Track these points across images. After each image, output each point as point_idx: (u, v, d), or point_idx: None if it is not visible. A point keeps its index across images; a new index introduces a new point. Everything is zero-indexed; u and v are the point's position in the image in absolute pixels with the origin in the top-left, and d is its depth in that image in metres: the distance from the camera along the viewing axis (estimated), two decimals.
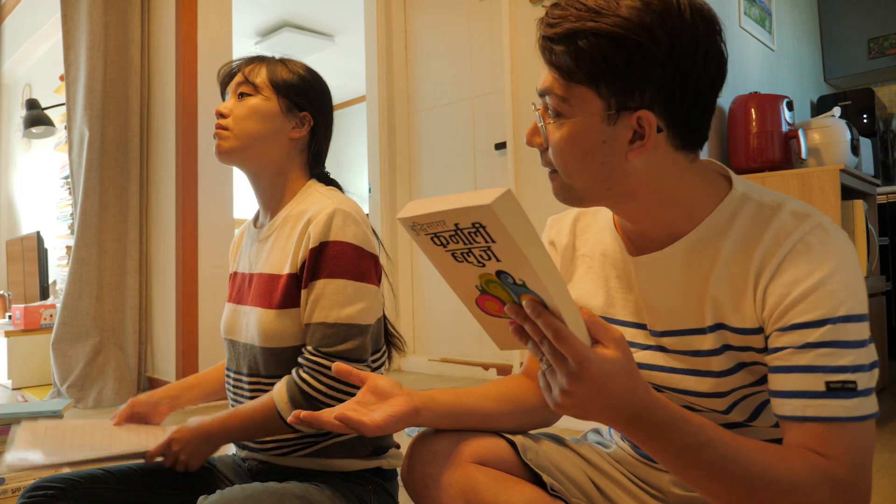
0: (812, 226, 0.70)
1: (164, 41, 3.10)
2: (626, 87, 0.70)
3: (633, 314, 0.84)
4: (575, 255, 0.92)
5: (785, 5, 3.42)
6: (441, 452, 0.82)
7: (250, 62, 1.09)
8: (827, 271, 0.68)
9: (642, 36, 0.68)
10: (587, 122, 0.72)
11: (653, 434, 0.66)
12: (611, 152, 0.72)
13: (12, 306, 3.88)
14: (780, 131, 2.57)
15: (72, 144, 3.18)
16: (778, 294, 0.69)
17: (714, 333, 0.76)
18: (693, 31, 0.70)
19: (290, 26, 5.22)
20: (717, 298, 0.75)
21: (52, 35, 4.53)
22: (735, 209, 0.76)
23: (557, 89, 0.74)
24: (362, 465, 1.05)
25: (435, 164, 3.68)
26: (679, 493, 0.88)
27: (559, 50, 0.72)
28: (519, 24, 3.19)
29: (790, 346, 0.68)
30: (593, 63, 0.70)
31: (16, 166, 5.46)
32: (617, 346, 0.64)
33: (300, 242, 1.01)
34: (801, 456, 0.66)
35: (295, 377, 0.98)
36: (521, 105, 3.18)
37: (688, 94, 0.71)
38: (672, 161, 0.75)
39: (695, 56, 0.70)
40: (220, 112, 1.07)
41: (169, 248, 3.03)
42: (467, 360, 3.45)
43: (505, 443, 0.85)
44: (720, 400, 0.78)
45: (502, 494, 0.79)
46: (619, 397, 0.64)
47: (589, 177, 0.75)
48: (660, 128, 0.72)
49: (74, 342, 3.04)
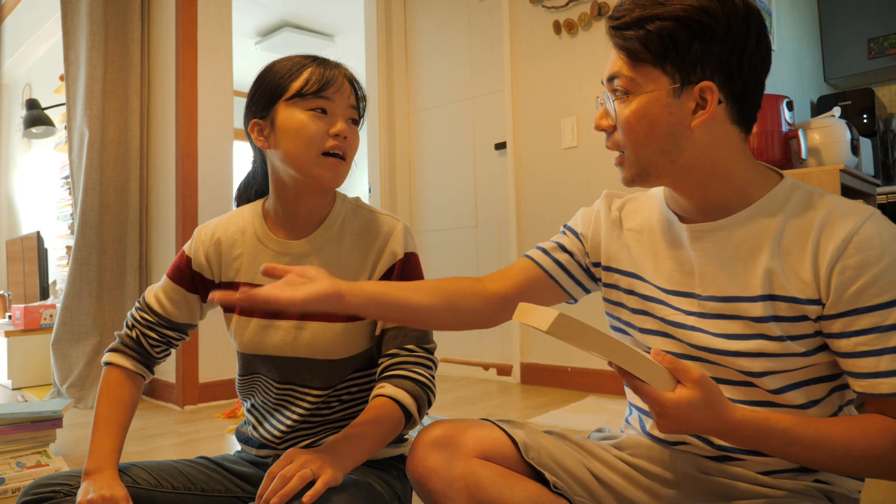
0: (870, 213, 0.78)
1: (164, 41, 3.10)
2: (689, 62, 0.79)
3: (679, 282, 0.89)
4: (622, 228, 0.99)
5: (785, 5, 3.42)
6: (444, 446, 0.83)
7: (354, 81, 1.08)
8: (892, 256, 0.76)
9: (704, 17, 0.78)
10: (654, 96, 0.81)
11: (743, 442, 0.78)
12: (676, 122, 0.81)
13: (12, 306, 3.88)
14: (780, 131, 2.57)
15: (72, 144, 3.18)
16: (849, 275, 0.76)
17: (764, 303, 0.81)
18: (746, 15, 0.80)
19: (290, 26, 5.22)
20: (773, 270, 0.81)
21: (52, 35, 4.53)
22: (788, 193, 0.84)
23: (626, 70, 0.83)
24: (389, 452, 1.10)
25: (435, 164, 3.68)
26: (692, 474, 0.89)
27: (629, 35, 0.81)
28: (519, 24, 3.19)
29: (874, 329, 0.75)
30: (661, 42, 0.79)
31: (16, 166, 5.46)
32: (695, 386, 0.74)
33: (379, 256, 1.07)
34: (884, 430, 0.75)
35: (415, 375, 1.02)
36: (521, 105, 3.18)
37: (744, 69, 0.81)
38: (729, 135, 0.83)
39: (748, 36, 0.80)
40: (343, 134, 1.03)
41: (169, 248, 3.03)
42: (467, 360, 3.45)
43: (507, 438, 0.86)
44: (757, 361, 0.82)
45: (506, 490, 0.81)
46: (704, 424, 0.75)
47: (655, 148, 0.83)
48: (719, 100, 0.81)
49: (74, 342, 3.04)
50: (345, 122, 1.03)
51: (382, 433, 0.97)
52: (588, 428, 1.95)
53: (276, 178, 1.08)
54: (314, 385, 1.08)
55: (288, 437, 1.09)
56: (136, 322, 1.12)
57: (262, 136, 1.05)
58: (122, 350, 1.10)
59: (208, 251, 1.12)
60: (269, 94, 1.03)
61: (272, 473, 0.86)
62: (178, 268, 1.13)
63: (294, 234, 1.09)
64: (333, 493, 0.86)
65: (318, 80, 1.01)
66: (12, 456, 1.64)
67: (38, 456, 1.67)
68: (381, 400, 0.99)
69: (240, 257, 1.10)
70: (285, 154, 1.02)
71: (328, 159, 1.01)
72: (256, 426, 1.13)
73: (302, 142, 1.00)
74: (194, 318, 1.15)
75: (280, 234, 1.09)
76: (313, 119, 1.01)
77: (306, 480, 0.85)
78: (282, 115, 1.02)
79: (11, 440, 1.64)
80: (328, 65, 1.04)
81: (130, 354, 1.10)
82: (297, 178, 1.03)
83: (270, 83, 1.03)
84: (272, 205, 1.10)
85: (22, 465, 1.62)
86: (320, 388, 1.08)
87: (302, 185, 1.04)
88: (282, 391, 1.10)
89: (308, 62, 1.04)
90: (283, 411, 1.10)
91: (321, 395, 1.08)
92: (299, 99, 1.01)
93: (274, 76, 1.04)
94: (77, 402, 2.90)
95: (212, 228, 1.13)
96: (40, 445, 1.70)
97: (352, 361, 1.08)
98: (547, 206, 3.08)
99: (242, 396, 1.18)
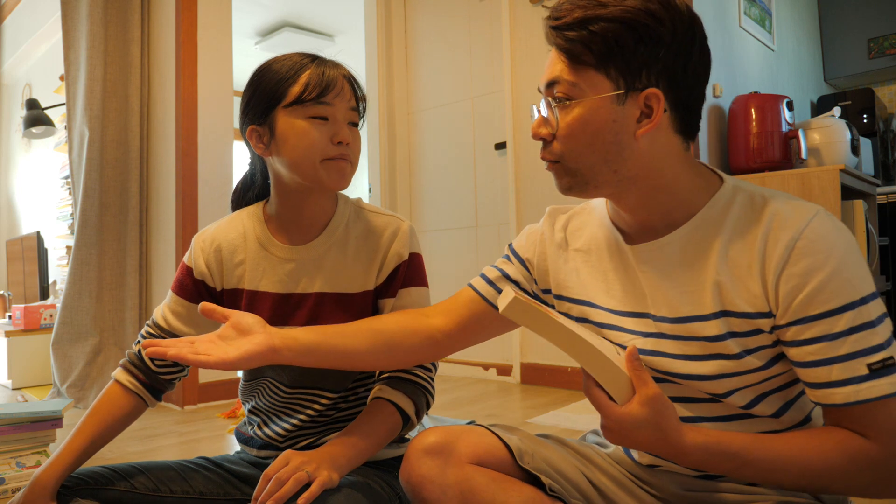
0: (814, 213, 0.74)
1: (164, 41, 3.10)
2: (634, 67, 0.76)
3: (632, 304, 0.85)
4: (568, 249, 0.94)
5: (785, 5, 3.42)
6: (437, 453, 0.82)
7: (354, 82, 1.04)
8: (839, 259, 0.72)
9: (649, 20, 0.75)
10: (597, 102, 0.77)
11: (694, 465, 0.76)
12: (620, 130, 0.77)
13: (12, 306, 3.88)
14: (780, 131, 2.57)
15: (72, 144, 3.18)
16: (794, 283, 0.73)
17: (718, 320, 0.78)
18: (689, 20, 0.78)
19: (290, 26, 5.22)
20: (722, 283, 0.78)
21: (52, 35, 4.53)
22: (729, 199, 0.80)
23: (567, 75, 0.79)
24: (390, 453, 1.09)
25: (435, 164, 3.68)
26: (679, 493, 0.88)
27: (571, 36, 0.77)
28: (519, 24, 3.18)
29: (823, 338, 0.72)
30: (605, 44, 0.75)
31: (16, 166, 5.46)
32: (644, 404, 0.73)
33: (384, 257, 1.06)
34: (840, 445, 0.72)
35: (412, 377, 1.02)
36: (521, 105, 3.17)
37: (688, 76, 0.78)
38: (672, 145, 0.80)
39: (693, 43, 0.78)
40: (345, 140, 1.00)
41: (169, 248, 3.03)
42: (467, 360, 3.44)
43: (501, 444, 0.85)
44: (719, 383, 0.79)
45: (500, 495, 0.79)
46: (648, 444, 0.74)
47: (598, 158, 0.79)
48: (664, 108, 0.77)
49: (74, 342, 3.04)
50: (347, 128, 1.00)
51: (379, 435, 0.97)
52: (587, 428, 1.95)
53: (278, 182, 1.05)
54: (327, 388, 1.07)
55: (292, 436, 1.09)
56: (141, 337, 1.12)
57: (261, 143, 1.02)
58: (125, 366, 1.08)
59: (209, 258, 1.09)
60: (267, 100, 0.99)
61: (268, 476, 0.86)
62: (180, 280, 1.11)
63: (298, 239, 1.07)
64: (329, 495, 0.86)
65: (317, 85, 0.97)
66: (12, 456, 1.64)
67: (38, 456, 1.67)
68: (379, 402, 0.99)
69: (242, 263, 1.08)
70: (288, 162, 0.99)
71: (333, 163, 0.99)
72: (261, 426, 1.13)
73: (304, 150, 0.97)
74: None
75: (283, 239, 1.07)
76: (314, 127, 0.97)
77: (302, 483, 0.85)
78: (281, 123, 0.98)
79: (11, 440, 1.64)
80: (327, 65, 1.00)
81: (131, 370, 1.07)
82: (302, 183, 1.01)
83: (267, 88, 0.99)
84: (274, 209, 1.07)
85: (22, 465, 1.62)
86: (332, 391, 1.07)
87: (307, 188, 1.02)
88: (291, 395, 1.09)
89: (306, 63, 0.99)
90: (292, 414, 1.10)
91: (334, 397, 1.08)
92: (299, 106, 0.97)
93: (271, 80, 0.99)
94: (77, 402, 2.90)
95: (210, 234, 1.10)
96: (40, 445, 1.70)
97: None
98: (547, 206, 3.07)
99: (244, 399, 1.17)
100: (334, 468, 0.89)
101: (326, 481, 0.86)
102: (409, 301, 1.06)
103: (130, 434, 2.29)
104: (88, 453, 1.01)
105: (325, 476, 0.86)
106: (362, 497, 0.91)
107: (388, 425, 0.97)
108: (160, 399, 1.10)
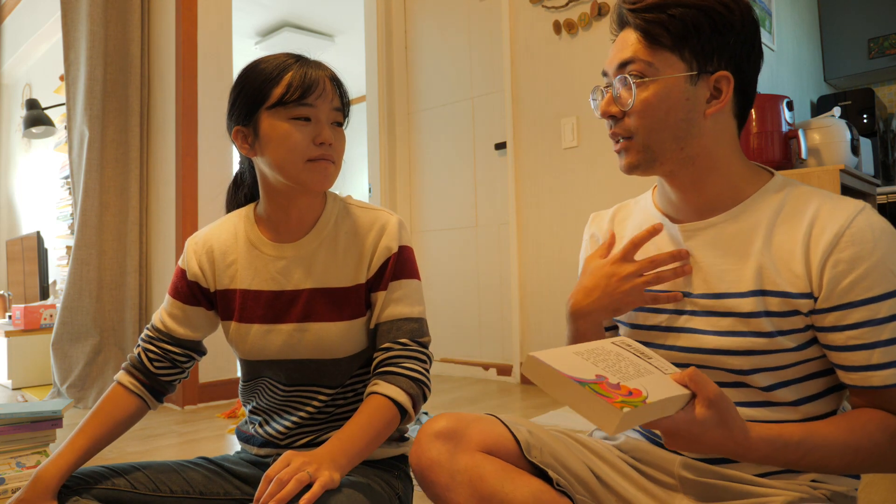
0: (861, 207, 0.80)
1: (164, 41, 3.10)
2: (708, 51, 0.82)
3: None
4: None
5: (785, 5, 3.42)
6: (448, 438, 0.84)
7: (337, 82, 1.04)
8: (884, 250, 0.77)
9: (723, 9, 0.81)
10: (672, 81, 0.83)
11: (758, 461, 0.77)
12: (692, 108, 0.84)
13: (12, 306, 3.88)
14: (780, 131, 2.57)
15: (72, 144, 3.18)
16: (841, 269, 0.77)
17: (755, 298, 0.82)
18: (753, 15, 0.85)
19: (290, 26, 5.22)
20: (763, 265, 0.82)
21: (52, 35, 4.53)
22: (778, 190, 0.86)
23: (643, 55, 0.84)
24: (390, 452, 1.10)
25: (435, 164, 3.68)
26: (689, 478, 0.89)
27: (650, 17, 0.83)
28: (519, 24, 3.18)
29: (866, 323, 0.77)
30: (684, 27, 0.81)
31: (16, 166, 5.46)
32: (709, 405, 0.72)
33: (373, 251, 1.06)
34: (882, 425, 0.77)
35: (408, 371, 1.02)
36: (521, 105, 3.18)
37: (751, 63, 0.85)
38: (731, 128, 0.87)
39: (756, 33, 0.85)
40: (328, 142, 1.01)
41: (169, 248, 3.03)
42: (467, 360, 3.45)
43: (510, 435, 0.86)
44: (747, 359, 0.82)
45: (508, 485, 0.81)
46: (716, 444, 0.74)
47: (669, 134, 0.85)
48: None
49: (74, 342, 3.04)
50: (329, 129, 1.00)
51: (378, 431, 0.97)
52: (588, 428, 1.95)
53: (265, 182, 1.06)
54: (323, 384, 1.08)
55: (292, 434, 1.10)
56: (141, 340, 1.14)
57: (246, 143, 1.03)
58: (126, 368, 1.11)
59: (201, 260, 1.10)
60: (251, 101, 1.00)
61: (269, 477, 0.86)
62: (175, 284, 1.13)
63: (287, 237, 1.08)
64: (331, 496, 0.86)
65: (300, 86, 0.97)
66: (12, 456, 1.64)
67: (38, 456, 1.67)
68: (376, 398, 0.99)
69: (234, 264, 1.09)
70: (272, 162, 1.00)
71: (316, 164, 1.00)
72: (262, 425, 1.13)
73: (286, 152, 0.98)
74: (198, 333, 1.14)
75: (273, 238, 1.08)
76: (297, 128, 0.98)
77: (303, 484, 0.85)
78: (265, 124, 0.99)
79: (11, 440, 1.64)
80: (310, 66, 1.00)
81: (132, 371, 1.10)
82: (287, 183, 1.02)
83: (251, 89, 1.00)
84: (264, 209, 1.09)
85: (22, 465, 1.62)
86: (330, 387, 1.08)
87: (292, 189, 1.03)
88: (290, 393, 1.10)
89: (289, 63, 1.00)
90: (291, 411, 1.10)
91: (331, 393, 1.09)
92: (281, 108, 0.98)
93: (254, 81, 1.00)
94: (77, 402, 2.90)
95: (203, 237, 1.12)
96: (40, 445, 1.70)
97: (357, 358, 1.09)
98: (547, 206, 3.07)
99: (245, 400, 1.18)
100: (335, 468, 0.89)
101: (328, 482, 0.86)
102: (400, 294, 1.06)
103: (130, 434, 2.29)
104: (91, 453, 1.02)
105: (326, 476, 0.86)
106: (363, 497, 0.91)
107: (386, 420, 0.98)
108: (161, 401, 1.13)
